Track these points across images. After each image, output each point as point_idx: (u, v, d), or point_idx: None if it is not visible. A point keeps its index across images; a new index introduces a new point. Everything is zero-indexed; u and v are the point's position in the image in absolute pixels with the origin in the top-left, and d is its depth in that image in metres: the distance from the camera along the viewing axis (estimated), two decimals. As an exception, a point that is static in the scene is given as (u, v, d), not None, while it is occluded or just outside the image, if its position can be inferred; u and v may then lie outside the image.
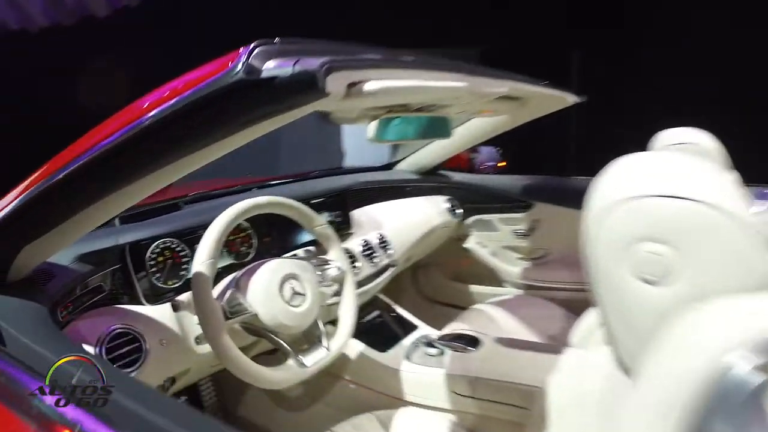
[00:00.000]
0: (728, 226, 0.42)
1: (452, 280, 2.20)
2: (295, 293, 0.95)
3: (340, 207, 1.47)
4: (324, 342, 1.00)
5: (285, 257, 1.18)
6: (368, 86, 0.50)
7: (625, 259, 0.46)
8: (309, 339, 1.01)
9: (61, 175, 0.61)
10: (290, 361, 0.93)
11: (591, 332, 1.24)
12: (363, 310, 1.48)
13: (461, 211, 1.98)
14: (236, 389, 1.48)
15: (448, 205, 1.93)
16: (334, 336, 1.04)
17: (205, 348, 0.98)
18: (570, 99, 1.23)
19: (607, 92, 2.92)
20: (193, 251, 1.08)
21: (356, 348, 1.32)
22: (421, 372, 1.21)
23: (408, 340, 1.37)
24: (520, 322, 1.63)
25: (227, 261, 1.14)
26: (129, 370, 0.84)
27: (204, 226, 1.10)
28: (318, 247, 1.19)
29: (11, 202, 0.65)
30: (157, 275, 1.00)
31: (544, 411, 0.90)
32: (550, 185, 1.92)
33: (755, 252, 0.42)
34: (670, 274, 0.44)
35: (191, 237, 1.07)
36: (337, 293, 1.15)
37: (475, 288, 2.11)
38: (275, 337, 0.93)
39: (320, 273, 1.05)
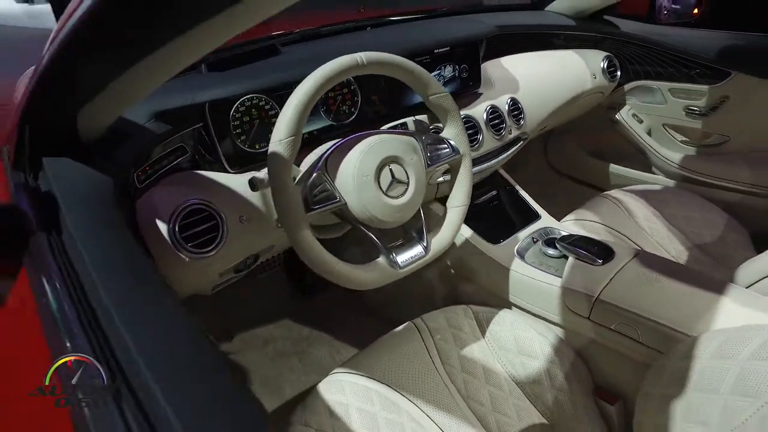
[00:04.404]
0: None
1: (590, 155, 1.89)
2: (396, 181, 0.78)
3: (469, 59, 1.18)
4: (423, 239, 0.85)
5: (389, 128, 0.98)
6: None
7: None
8: (406, 232, 0.87)
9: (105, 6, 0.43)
10: (381, 259, 0.80)
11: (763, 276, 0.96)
12: (478, 188, 1.29)
13: (620, 72, 1.56)
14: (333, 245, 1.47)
15: (606, 63, 1.52)
16: (437, 233, 0.88)
17: None
18: None
19: None
20: (283, 110, 0.93)
21: (463, 234, 1.17)
22: (533, 276, 1.05)
23: (525, 233, 1.18)
24: (666, 221, 1.35)
25: (324, 123, 0.98)
26: (205, 250, 0.77)
27: (299, 82, 0.93)
28: (433, 115, 0.97)
29: (47, 49, 0.51)
30: (242, 137, 0.87)
31: (685, 363, 0.71)
32: (761, 47, 1.39)
33: None
34: None
35: (282, 93, 0.91)
36: (448, 172, 0.96)
37: (615, 169, 1.79)
38: (366, 231, 0.79)
39: (430, 154, 0.85)
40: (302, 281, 1.66)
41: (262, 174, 0.77)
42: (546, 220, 1.23)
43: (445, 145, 0.87)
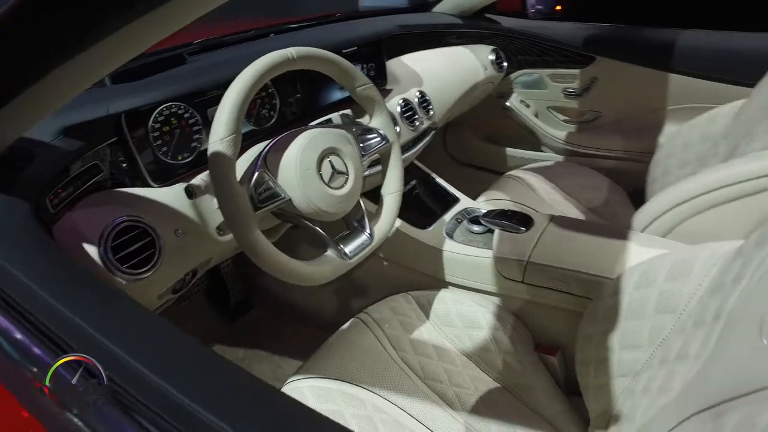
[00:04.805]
0: None
1: (485, 141, 2.03)
2: (336, 172, 0.78)
3: (375, 58, 1.23)
4: (366, 227, 0.86)
5: (317, 124, 0.98)
6: None
7: None
8: (348, 223, 0.88)
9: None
10: (330, 252, 0.80)
11: (654, 219, 1.11)
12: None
13: (506, 64, 1.71)
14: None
15: (494, 56, 1.66)
16: (377, 220, 0.90)
17: (229, 236, 0.86)
18: None
19: None
20: (205, 117, 0.89)
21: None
22: (466, 252, 1.11)
23: (449, 215, 1.25)
24: (562, 192, 1.50)
25: (245, 128, 0.96)
26: (143, 270, 0.72)
27: (218, 86, 0.90)
28: (355, 110, 0.99)
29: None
30: (164, 149, 0.82)
31: (613, 299, 0.80)
32: (619, 36, 1.61)
33: None
34: None
35: (202, 100, 0.88)
36: (376, 163, 0.98)
37: (510, 151, 1.95)
38: (312, 225, 0.79)
39: (362, 145, 0.88)
40: (227, 305, 1.58)
41: (199, 180, 0.73)
42: (465, 202, 1.31)
43: (374, 135, 0.90)
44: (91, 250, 0.68)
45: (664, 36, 1.50)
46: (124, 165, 0.79)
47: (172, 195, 0.79)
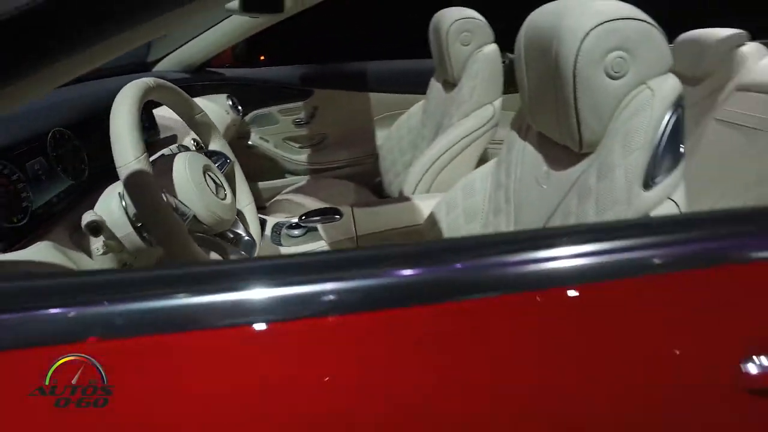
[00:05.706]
0: (659, 37, 0.68)
1: (236, 182, 2.14)
2: (218, 185, 0.85)
3: (143, 110, 1.24)
4: (243, 232, 0.94)
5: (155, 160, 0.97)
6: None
7: (600, 64, 0.68)
8: (223, 234, 0.93)
9: None
10: (236, 257, 0.85)
11: (417, 183, 1.53)
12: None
13: (241, 107, 1.90)
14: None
15: (230, 102, 1.82)
16: (248, 227, 0.98)
17: None
18: None
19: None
20: (26, 173, 0.79)
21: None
22: (302, 250, 1.26)
23: (267, 232, 1.36)
24: (326, 201, 1.79)
25: (65, 184, 0.88)
26: None
27: (35, 137, 0.81)
28: (181, 142, 1.03)
29: None
30: None
31: (434, 234, 1.12)
32: (326, 71, 2.03)
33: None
34: (627, 70, 0.68)
35: (19, 153, 0.78)
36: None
37: (263, 184, 2.14)
38: (212, 238, 0.83)
39: (212, 168, 0.94)
40: None
41: (93, 215, 0.68)
42: (272, 220, 1.44)
43: (217, 157, 0.98)
44: None
45: (357, 67, 1.99)
46: None
47: (30, 256, 0.69)
